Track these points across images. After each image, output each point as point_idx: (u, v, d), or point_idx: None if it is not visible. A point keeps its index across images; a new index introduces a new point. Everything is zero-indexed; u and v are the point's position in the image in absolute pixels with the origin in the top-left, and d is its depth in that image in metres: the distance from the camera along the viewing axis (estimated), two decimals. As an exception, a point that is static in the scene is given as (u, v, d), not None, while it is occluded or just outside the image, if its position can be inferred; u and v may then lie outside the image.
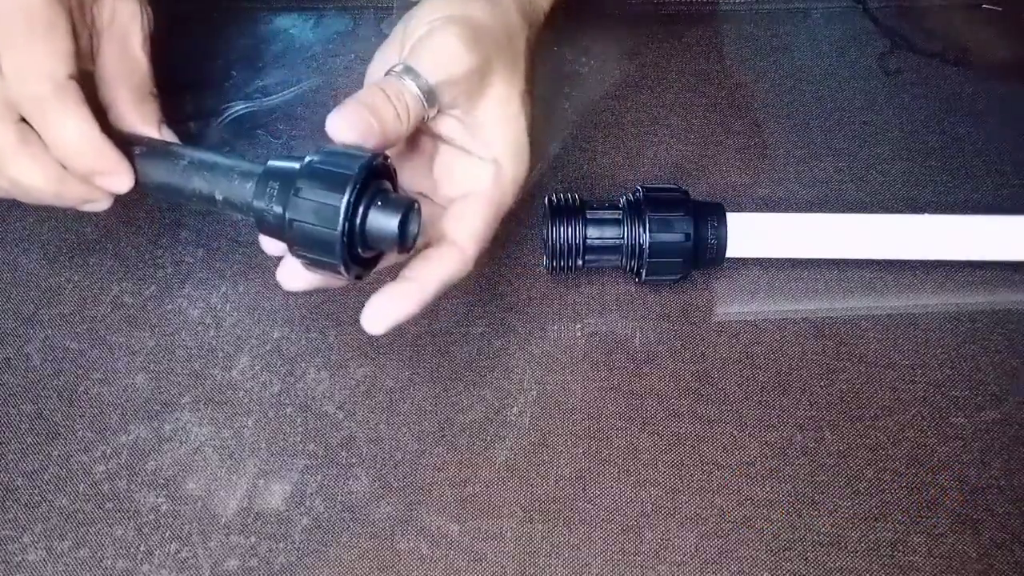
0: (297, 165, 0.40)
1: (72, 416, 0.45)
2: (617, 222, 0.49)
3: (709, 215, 0.49)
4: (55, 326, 0.49)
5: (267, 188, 0.40)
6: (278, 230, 0.40)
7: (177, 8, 0.65)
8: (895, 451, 0.44)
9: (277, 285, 0.50)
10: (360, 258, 0.41)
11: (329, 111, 0.40)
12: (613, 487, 0.43)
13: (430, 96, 0.41)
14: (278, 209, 0.40)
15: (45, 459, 0.44)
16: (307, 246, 0.40)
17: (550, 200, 0.50)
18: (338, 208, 0.38)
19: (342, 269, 0.40)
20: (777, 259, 0.52)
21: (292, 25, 0.67)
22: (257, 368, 0.47)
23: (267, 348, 0.48)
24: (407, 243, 0.40)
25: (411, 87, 0.41)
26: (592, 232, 0.49)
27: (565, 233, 0.49)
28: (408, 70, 0.41)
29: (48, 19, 0.42)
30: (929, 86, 0.63)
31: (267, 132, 0.59)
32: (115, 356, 0.48)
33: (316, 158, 0.39)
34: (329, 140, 0.40)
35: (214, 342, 0.48)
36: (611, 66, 0.63)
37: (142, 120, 0.46)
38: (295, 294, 0.47)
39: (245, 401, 0.46)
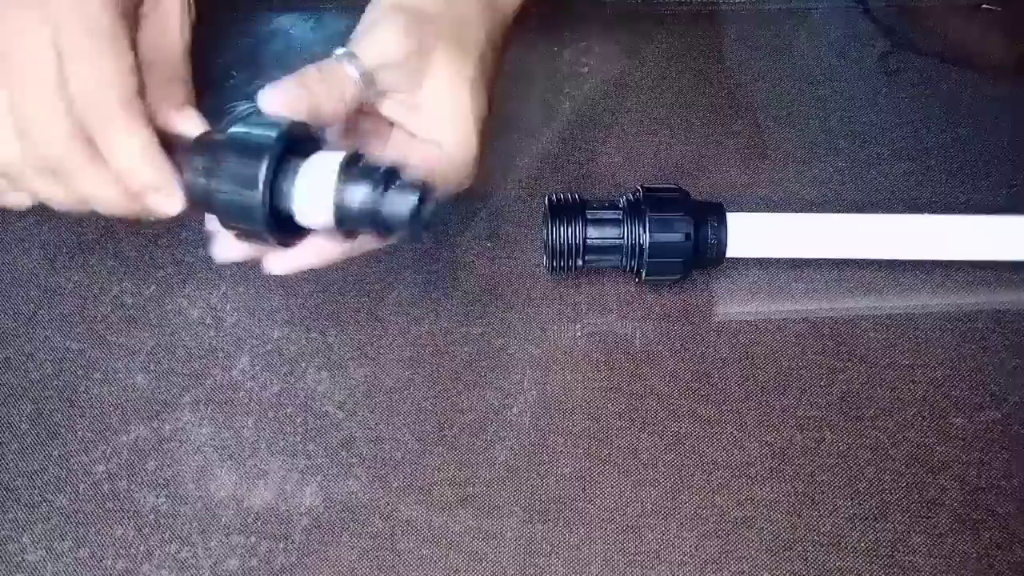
0: (221, 137, 0.42)
1: (72, 416, 0.45)
2: (617, 222, 0.49)
3: (709, 215, 0.49)
4: (55, 326, 0.49)
5: (193, 161, 0.42)
6: (206, 202, 0.41)
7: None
8: (895, 451, 0.44)
9: (278, 285, 0.50)
10: (288, 225, 0.41)
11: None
12: (613, 487, 0.43)
13: (367, 78, 0.44)
14: (203, 181, 0.41)
15: (45, 459, 0.44)
16: (232, 216, 0.41)
17: (550, 200, 0.50)
18: (256, 175, 0.40)
19: (267, 236, 0.41)
20: (777, 259, 0.52)
21: (292, 25, 0.67)
22: (257, 368, 0.47)
23: (267, 348, 0.48)
24: (419, 229, 0.41)
25: (350, 70, 0.44)
26: (592, 232, 0.49)
27: (565, 233, 0.49)
28: (348, 54, 0.44)
29: (112, 34, 0.42)
30: (929, 86, 0.63)
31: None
32: (115, 356, 0.48)
33: (237, 128, 0.41)
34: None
35: (214, 342, 0.48)
36: (611, 66, 0.63)
37: (165, 101, 0.45)
38: (227, 264, 0.47)
39: (245, 401, 0.46)
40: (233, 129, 0.42)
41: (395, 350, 0.48)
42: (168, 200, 0.43)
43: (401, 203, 0.40)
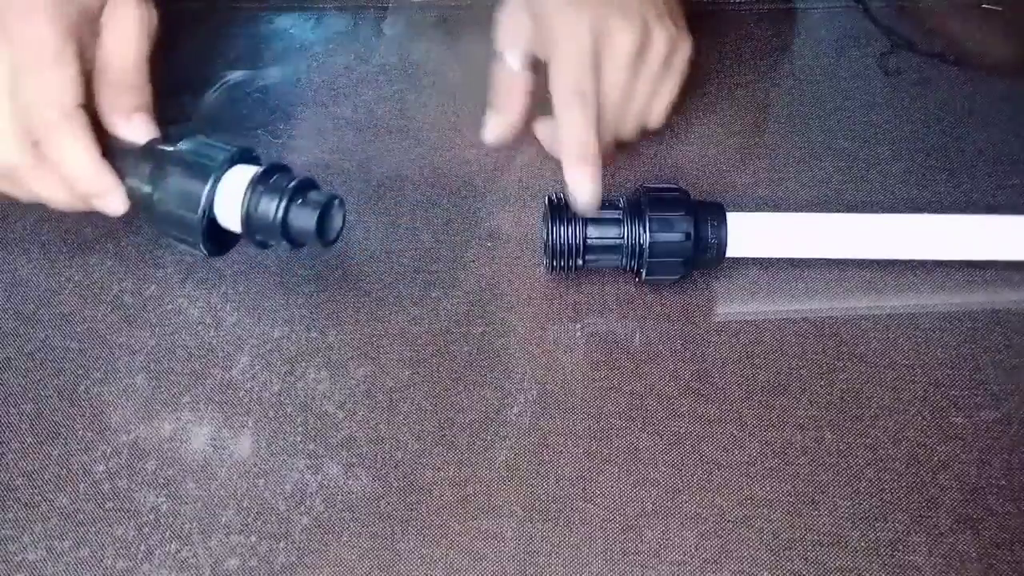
0: (169, 149, 0.46)
1: (72, 416, 0.45)
2: (617, 222, 0.49)
3: (709, 215, 0.49)
4: (55, 326, 0.49)
5: (138, 167, 0.46)
6: (146, 208, 0.47)
7: (177, 8, 0.65)
8: (895, 451, 0.44)
9: (278, 285, 0.50)
10: (216, 232, 0.47)
11: (329, 111, 0.40)
12: (613, 487, 0.43)
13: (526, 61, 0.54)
14: (146, 189, 0.46)
15: (45, 459, 0.44)
16: (170, 225, 0.46)
17: (550, 200, 0.50)
18: (199, 195, 0.45)
19: (200, 247, 0.46)
20: (777, 259, 0.52)
21: (292, 25, 0.67)
22: (257, 368, 0.47)
23: (267, 348, 0.48)
24: (328, 238, 0.46)
25: (512, 62, 0.54)
26: (592, 232, 0.49)
27: (565, 233, 0.49)
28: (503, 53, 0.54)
29: (56, 48, 0.45)
30: (929, 86, 0.63)
31: (267, 132, 0.59)
32: (115, 356, 0.48)
33: (185, 146, 0.46)
34: None
35: (214, 342, 0.48)
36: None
37: (117, 107, 0.48)
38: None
39: (245, 401, 0.46)
40: (183, 145, 0.46)
41: (395, 350, 0.48)
42: (110, 204, 0.47)
43: (305, 218, 0.45)
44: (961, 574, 0.41)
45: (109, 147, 0.47)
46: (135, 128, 0.48)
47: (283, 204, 0.45)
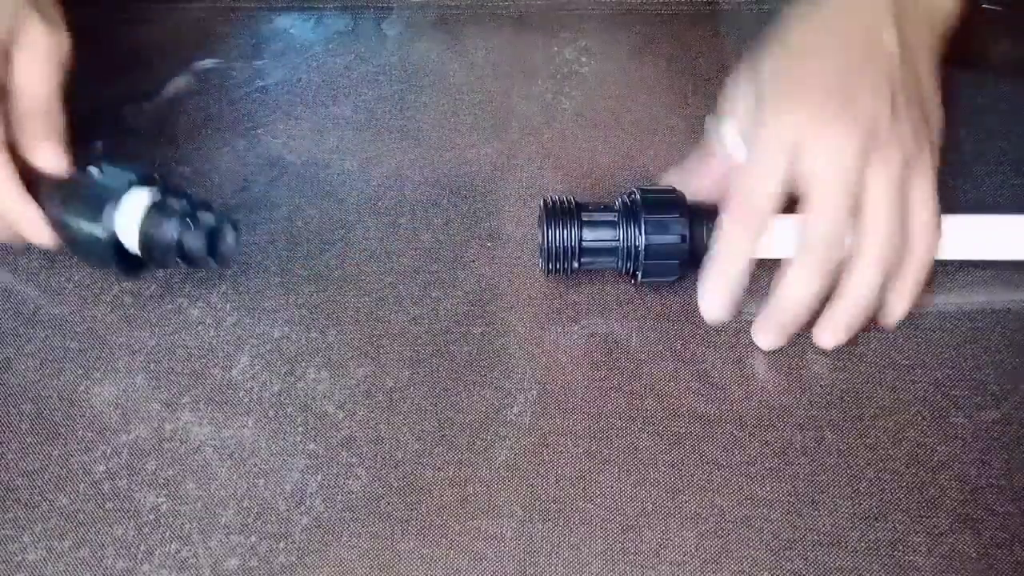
0: (75, 178, 0.48)
1: (72, 416, 0.45)
2: (613, 224, 0.49)
3: (705, 217, 0.49)
4: (55, 326, 0.49)
5: (52, 197, 0.48)
6: (63, 236, 0.48)
7: (177, 8, 0.65)
8: (895, 451, 0.44)
9: (278, 285, 0.50)
10: (130, 259, 0.48)
11: (328, 111, 0.40)
12: (613, 487, 0.43)
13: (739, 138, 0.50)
14: (59, 216, 0.48)
15: (45, 459, 0.44)
16: (83, 250, 0.49)
17: (545, 202, 0.50)
18: (100, 216, 0.47)
19: (115, 268, 0.48)
20: (776, 259, 0.51)
21: (292, 25, 0.67)
22: (257, 368, 0.47)
23: (267, 348, 0.48)
24: (222, 259, 0.48)
25: (730, 138, 0.50)
26: (588, 234, 0.49)
27: (560, 235, 0.49)
28: (719, 119, 0.51)
29: None
30: (929, 86, 0.63)
31: (267, 133, 0.59)
32: (115, 356, 0.48)
33: (90, 174, 0.48)
34: None
35: (214, 342, 0.48)
36: (611, 66, 0.63)
37: (31, 136, 0.48)
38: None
39: (245, 401, 0.46)
40: (92, 171, 0.48)
41: (395, 350, 0.48)
42: (37, 236, 0.48)
43: (196, 239, 0.47)
44: (961, 574, 0.41)
45: (32, 179, 0.48)
46: (47, 157, 0.48)
47: (176, 226, 0.47)
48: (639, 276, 0.50)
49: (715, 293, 0.47)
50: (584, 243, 0.49)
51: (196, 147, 0.58)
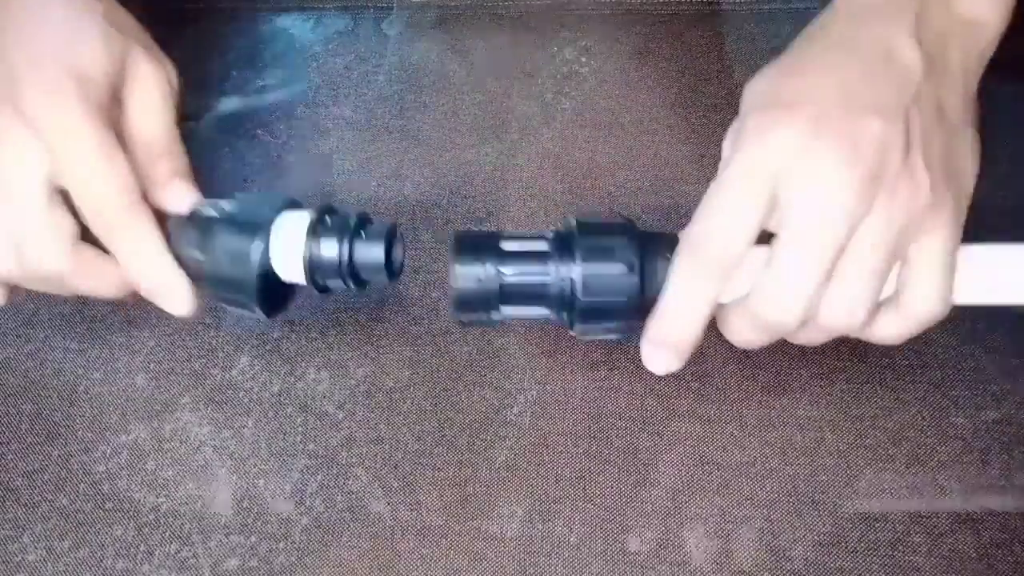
0: (213, 212, 0.43)
1: (72, 416, 0.45)
2: (543, 256, 0.40)
3: (661, 246, 0.40)
4: (55, 326, 0.49)
5: (185, 235, 0.43)
6: (197, 276, 0.43)
7: (177, 8, 0.65)
8: (895, 451, 0.44)
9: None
10: (272, 292, 0.43)
11: (328, 111, 0.40)
12: (613, 487, 0.43)
13: None
14: (196, 255, 0.42)
15: (45, 459, 0.44)
16: (223, 288, 0.43)
17: (458, 235, 0.41)
18: (248, 253, 0.41)
19: (255, 307, 0.42)
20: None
21: (292, 25, 0.67)
22: (257, 368, 0.47)
23: (267, 348, 0.48)
24: (394, 269, 0.43)
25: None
26: (509, 269, 0.39)
27: (474, 272, 0.39)
28: None
29: (99, 136, 0.40)
30: (929, 86, 0.63)
31: (267, 133, 0.59)
32: (115, 356, 0.48)
33: (229, 206, 0.43)
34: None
35: (214, 342, 0.48)
36: (611, 66, 0.63)
37: (154, 178, 0.44)
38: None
39: (245, 401, 0.46)
40: (226, 205, 0.43)
41: (395, 350, 0.48)
42: (177, 303, 0.43)
43: (371, 252, 0.42)
44: (961, 574, 0.41)
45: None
46: (176, 196, 0.44)
47: (347, 242, 0.42)
48: (575, 322, 0.40)
49: (658, 347, 0.39)
50: (506, 282, 0.39)
51: (196, 147, 0.58)
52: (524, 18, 0.66)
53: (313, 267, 0.42)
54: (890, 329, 0.40)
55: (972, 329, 0.49)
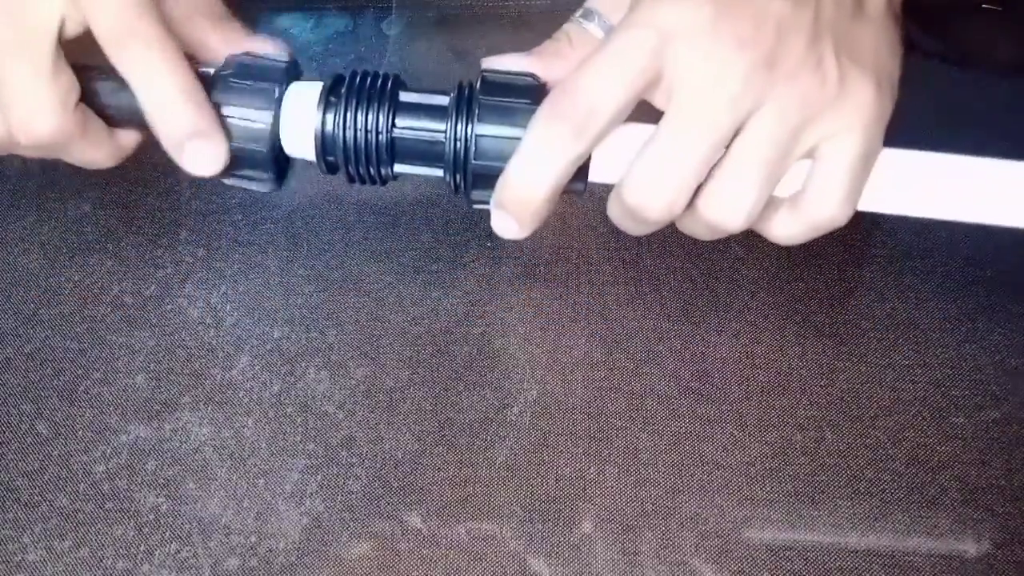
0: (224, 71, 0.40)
1: (72, 416, 0.45)
2: (442, 111, 0.37)
3: None
4: (55, 326, 0.49)
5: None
6: None
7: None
8: (895, 451, 0.44)
9: (278, 285, 0.50)
10: (282, 164, 0.41)
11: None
12: (613, 487, 0.43)
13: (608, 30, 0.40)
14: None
15: (45, 459, 0.44)
16: (241, 139, 0.40)
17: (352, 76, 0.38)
18: (271, 96, 0.39)
19: (268, 168, 0.40)
20: (776, 258, 0.51)
21: (292, 25, 0.67)
22: (257, 368, 0.47)
23: (267, 348, 0.48)
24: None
25: (593, 29, 0.40)
26: (403, 122, 0.37)
27: (365, 121, 0.37)
28: (588, 13, 0.41)
29: None
30: (929, 86, 0.63)
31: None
32: (115, 356, 0.48)
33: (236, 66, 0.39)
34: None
35: (214, 342, 0.48)
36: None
37: (225, 41, 0.40)
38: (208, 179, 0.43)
39: (245, 401, 0.46)
40: (229, 69, 0.40)
41: (395, 350, 0.48)
42: (208, 154, 0.39)
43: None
44: (961, 574, 0.41)
45: None
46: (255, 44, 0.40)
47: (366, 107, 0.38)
48: (466, 186, 0.38)
49: (508, 207, 0.37)
50: (397, 133, 0.37)
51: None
52: (524, 18, 0.66)
53: (324, 140, 0.39)
54: (784, 228, 0.38)
55: (972, 329, 0.49)
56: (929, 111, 0.61)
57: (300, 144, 0.41)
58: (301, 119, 0.40)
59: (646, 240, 0.52)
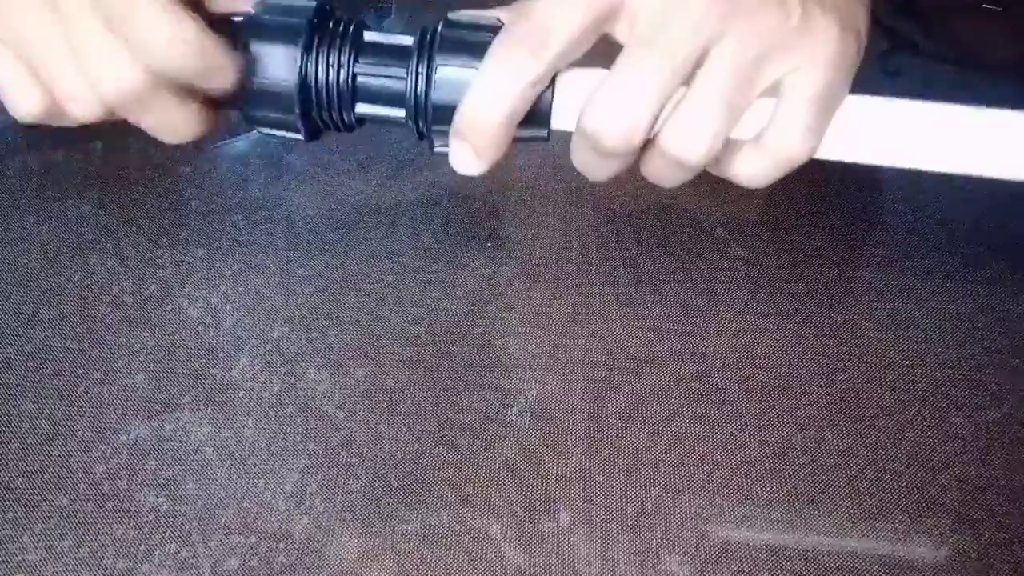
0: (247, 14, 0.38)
1: (72, 416, 0.45)
2: (404, 50, 0.37)
3: None
4: (55, 326, 0.49)
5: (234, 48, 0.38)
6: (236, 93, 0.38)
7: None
8: (895, 451, 0.44)
9: (278, 285, 0.50)
10: (316, 120, 0.39)
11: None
12: (613, 487, 0.43)
13: None
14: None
15: (45, 459, 0.44)
16: (263, 105, 0.38)
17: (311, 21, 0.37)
18: (293, 62, 0.37)
19: (299, 124, 0.38)
20: (777, 257, 0.51)
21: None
22: (257, 368, 0.47)
23: (267, 348, 0.48)
24: None
25: None
26: (366, 60, 0.37)
27: (327, 64, 0.37)
28: None
29: None
30: (929, 86, 0.63)
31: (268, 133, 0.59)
32: (115, 356, 0.48)
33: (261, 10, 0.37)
34: None
35: (214, 342, 0.48)
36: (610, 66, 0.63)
37: None
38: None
39: (245, 401, 0.46)
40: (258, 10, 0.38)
41: (395, 350, 0.48)
42: (222, 70, 0.37)
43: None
44: (961, 574, 0.41)
45: None
46: None
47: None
48: (428, 127, 0.37)
49: (466, 133, 0.37)
50: (359, 69, 0.37)
51: (196, 146, 0.58)
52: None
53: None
54: (748, 166, 0.38)
55: (972, 329, 0.49)
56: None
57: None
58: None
59: (646, 240, 0.52)
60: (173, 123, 0.40)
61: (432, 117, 0.37)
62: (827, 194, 0.56)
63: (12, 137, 0.55)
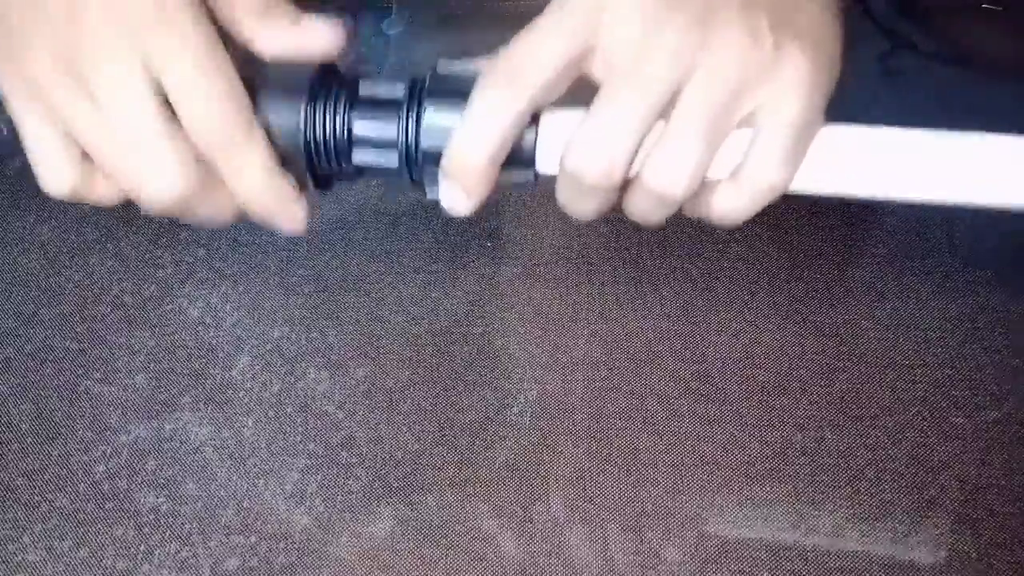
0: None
1: (72, 416, 0.45)
2: (394, 105, 0.38)
3: None
4: (55, 326, 0.49)
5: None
6: None
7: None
8: (895, 451, 0.44)
9: (278, 285, 0.50)
10: (323, 173, 0.40)
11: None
12: (613, 487, 0.43)
13: None
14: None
15: (45, 459, 0.44)
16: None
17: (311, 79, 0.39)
18: (298, 120, 0.38)
19: (308, 180, 0.39)
20: (776, 257, 0.51)
21: (292, 25, 0.67)
22: (257, 368, 0.47)
23: (267, 348, 0.48)
24: None
25: None
26: (360, 124, 0.38)
27: (325, 122, 0.38)
28: None
29: (209, 46, 0.36)
30: (929, 86, 0.63)
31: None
32: (115, 356, 0.48)
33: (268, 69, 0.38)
34: None
35: (214, 342, 0.48)
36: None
37: (270, 34, 0.38)
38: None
39: (245, 401, 0.46)
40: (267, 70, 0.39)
41: (395, 350, 0.48)
42: (292, 222, 0.40)
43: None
44: (961, 574, 0.41)
45: None
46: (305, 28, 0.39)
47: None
48: (420, 173, 0.39)
49: (455, 173, 0.37)
50: (356, 129, 0.38)
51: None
52: (524, 18, 0.66)
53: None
54: (724, 201, 0.38)
55: (972, 329, 0.49)
56: (929, 111, 0.61)
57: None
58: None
59: (646, 240, 0.52)
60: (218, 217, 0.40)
61: (423, 161, 0.38)
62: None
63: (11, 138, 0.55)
